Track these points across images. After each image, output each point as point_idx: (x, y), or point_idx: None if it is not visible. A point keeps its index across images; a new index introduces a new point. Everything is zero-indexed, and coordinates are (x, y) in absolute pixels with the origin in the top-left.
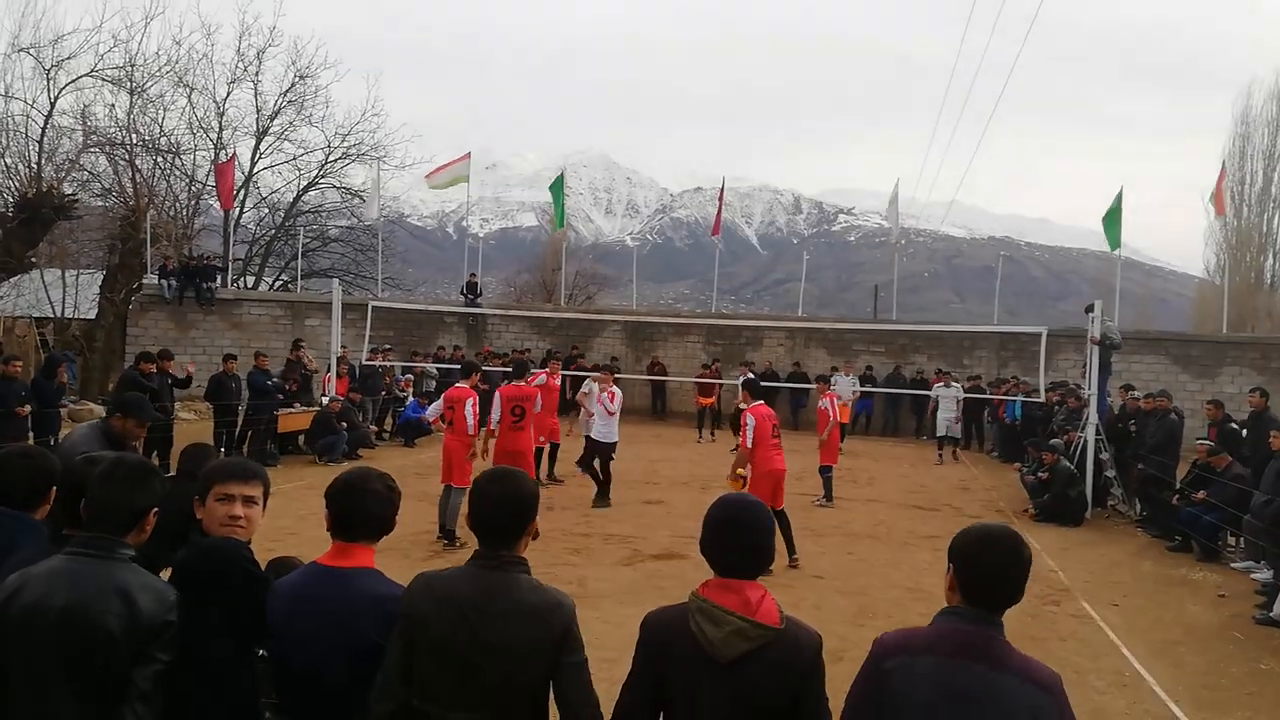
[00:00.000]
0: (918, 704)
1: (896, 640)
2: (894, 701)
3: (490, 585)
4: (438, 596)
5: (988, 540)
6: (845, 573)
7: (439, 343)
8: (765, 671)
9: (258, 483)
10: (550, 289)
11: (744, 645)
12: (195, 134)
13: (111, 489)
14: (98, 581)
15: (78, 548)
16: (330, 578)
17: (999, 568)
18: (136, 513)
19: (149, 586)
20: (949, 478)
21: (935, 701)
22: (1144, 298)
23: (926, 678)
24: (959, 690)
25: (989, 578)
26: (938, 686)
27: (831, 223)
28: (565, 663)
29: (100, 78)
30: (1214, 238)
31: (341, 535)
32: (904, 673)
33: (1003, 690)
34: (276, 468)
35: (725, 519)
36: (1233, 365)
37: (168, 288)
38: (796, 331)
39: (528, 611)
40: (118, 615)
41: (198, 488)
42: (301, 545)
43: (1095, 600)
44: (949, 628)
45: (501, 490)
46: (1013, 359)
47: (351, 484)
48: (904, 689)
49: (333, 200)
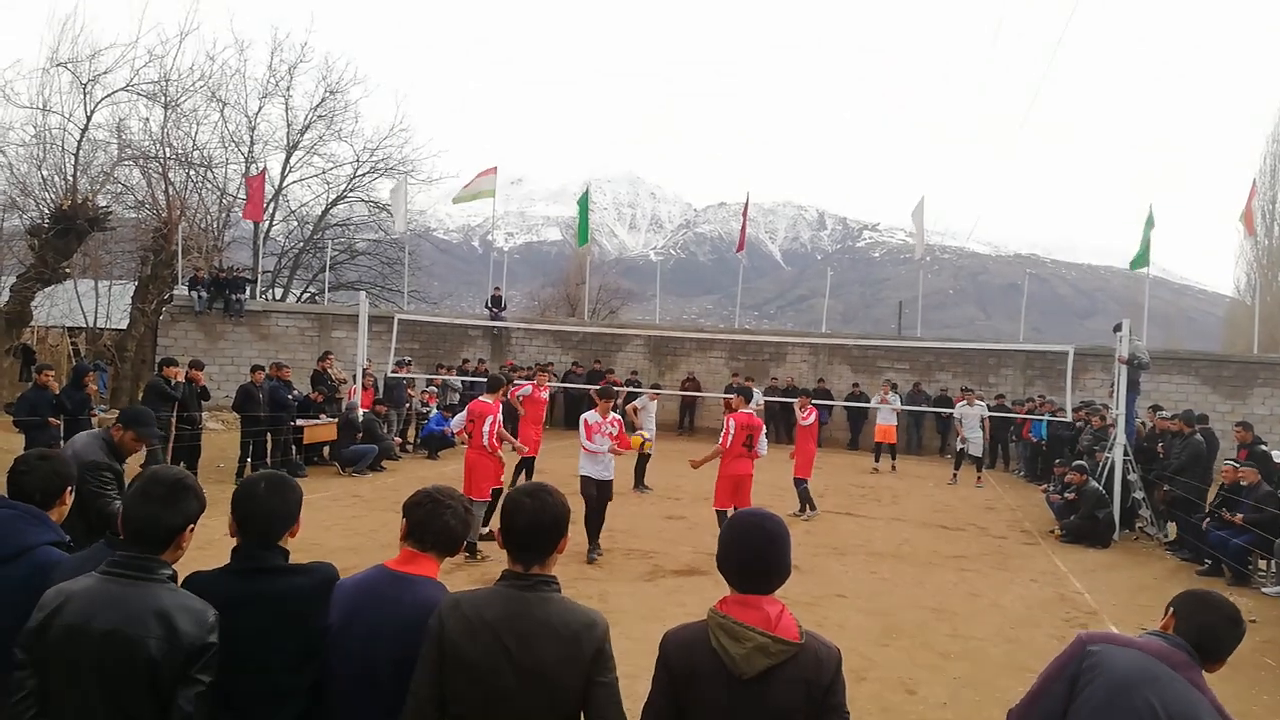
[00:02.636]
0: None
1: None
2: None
3: (523, 605)
4: (469, 617)
5: (1212, 605)
6: (869, 592)
7: (463, 355)
8: (787, 686)
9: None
10: (574, 303)
11: (766, 661)
12: (227, 148)
13: (148, 506)
14: (138, 604)
15: (117, 567)
16: (396, 582)
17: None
18: (173, 530)
19: (188, 609)
20: (974, 497)
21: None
22: (1173, 317)
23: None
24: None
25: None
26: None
27: (856, 239)
28: (598, 682)
29: (135, 92)
30: (1244, 257)
31: (414, 544)
32: (1106, 654)
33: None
34: (303, 478)
35: (741, 535)
36: (1264, 386)
37: (198, 299)
38: (820, 347)
39: (560, 631)
40: (157, 639)
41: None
42: (326, 556)
43: (1123, 624)
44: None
45: (536, 505)
46: (1039, 377)
47: (432, 497)
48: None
49: (360, 214)
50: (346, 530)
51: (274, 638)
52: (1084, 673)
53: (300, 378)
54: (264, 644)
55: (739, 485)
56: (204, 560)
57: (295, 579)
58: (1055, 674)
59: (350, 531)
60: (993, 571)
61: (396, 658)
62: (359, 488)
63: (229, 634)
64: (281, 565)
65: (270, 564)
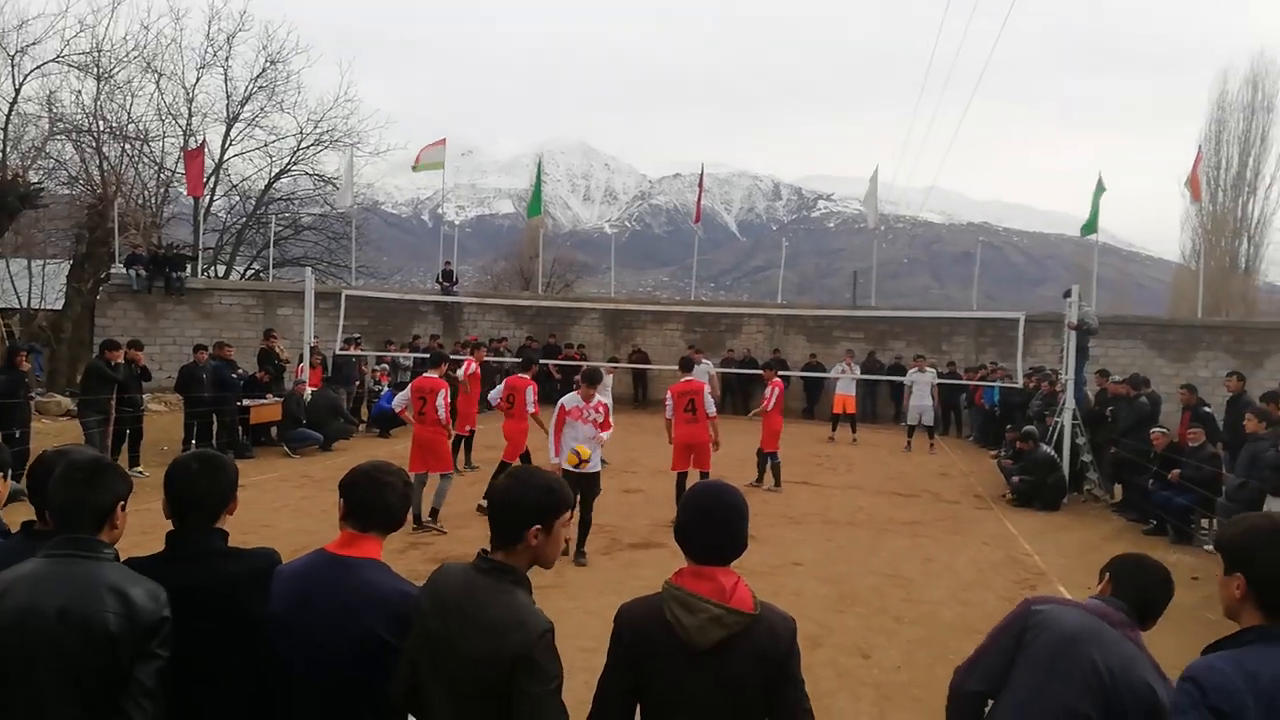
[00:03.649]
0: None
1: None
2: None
3: (473, 590)
4: (437, 589)
5: (1145, 568)
6: (824, 560)
7: (414, 331)
8: (741, 657)
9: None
10: (528, 277)
11: (720, 632)
12: (164, 120)
13: (72, 490)
14: (90, 582)
15: (58, 549)
16: (337, 565)
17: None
18: (103, 510)
19: (141, 583)
20: (927, 464)
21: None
22: (1121, 283)
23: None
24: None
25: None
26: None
27: (811, 209)
28: (523, 691)
29: (66, 63)
30: (1190, 223)
31: (354, 524)
32: (1052, 613)
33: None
34: (250, 460)
35: (698, 506)
36: (1208, 350)
37: (136, 277)
38: (775, 318)
39: (490, 627)
40: (115, 614)
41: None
42: (275, 538)
43: (1071, 584)
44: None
45: (507, 488)
46: (991, 344)
47: (369, 474)
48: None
49: (305, 187)
50: (296, 511)
51: (212, 625)
52: (1029, 629)
53: (245, 357)
54: (202, 632)
55: (690, 448)
56: (151, 546)
57: (234, 564)
58: (1001, 632)
59: (300, 513)
60: (946, 536)
61: (346, 642)
62: (309, 468)
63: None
64: (220, 549)
65: (208, 548)
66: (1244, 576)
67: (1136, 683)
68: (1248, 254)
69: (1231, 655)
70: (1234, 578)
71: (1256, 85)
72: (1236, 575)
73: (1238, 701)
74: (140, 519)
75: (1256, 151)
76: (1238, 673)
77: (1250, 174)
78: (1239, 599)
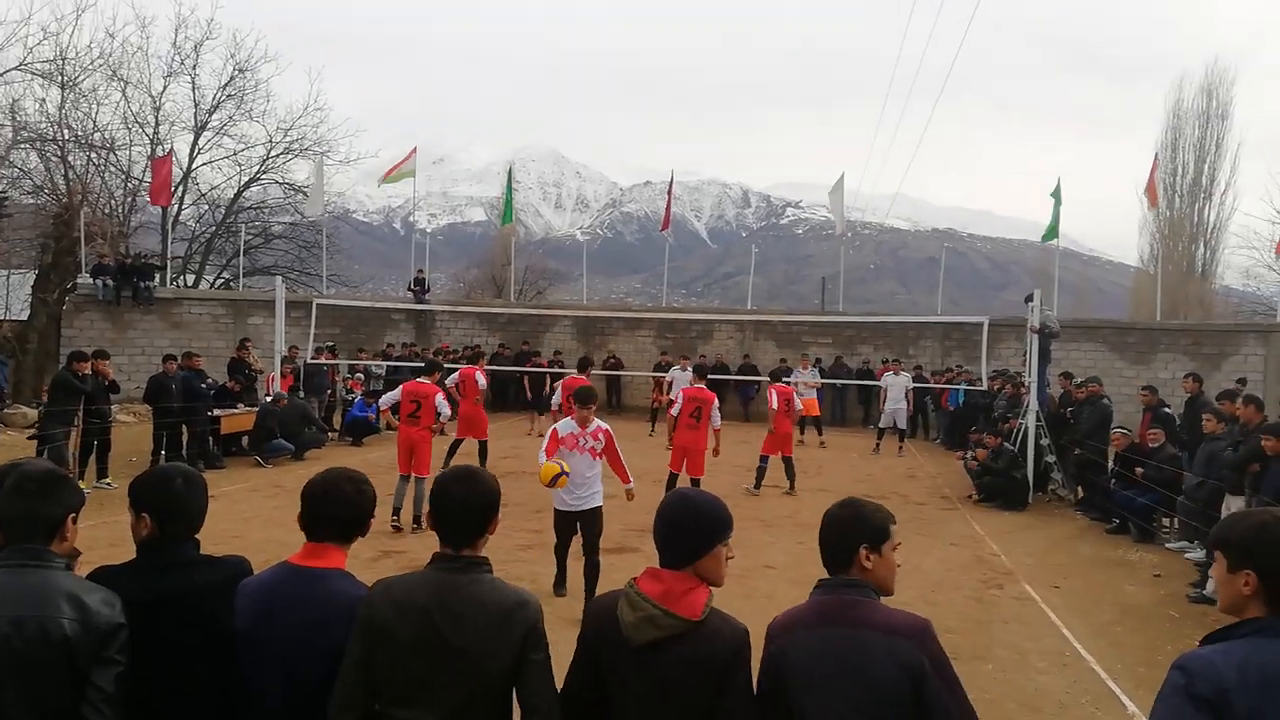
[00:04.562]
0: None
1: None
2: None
3: (454, 587)
4: (399, 601)
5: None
6: (796, 562)
7: (386, 339)
8: (677, 661)
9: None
10: (500, 284)
11: (653, 633)
12: (130, 129)
13: (24, 501)
14: (44, 589)
15: (10, 559)
16: (300, 577)
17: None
18: (54, 522)
19: (95, 590)
20: (896, 466)
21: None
22: (1082, 287)
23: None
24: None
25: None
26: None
27: (780, 216)
28: (530, 660)
29: (29, 71)
30: (1148, 228)
31: (311, 535)
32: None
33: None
34: (221, 470)
35: (665, 509)
36: (1166, 352)
37: (103, 287)
38: (746, 324)
39: (492, 611)
40: (71, 620)
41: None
42: (247, 548)
43: (1036, 583)
44: None
45: (466, 490)
46: (956, 348)
47: (320, 484)
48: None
49: (275, 196)
50: (268, 521)
51: (187, 634)
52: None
53: (216, 366)
54: (177, 641)
55: (686, 451)
56: (121, 559)
57: (209, 572)
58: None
59: (272, 523)
60: (914, 537)
61: (313, 656)
62: (281, 478)
63: (141, 632)
64: (195, 558)
65: (185, 557)
66: (1255, 572)
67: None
68: (1204, 258)
69: (1224, 646)
70: (1241, 574)
71: (1211, 94)
72: (1245, 572)
73: (1222, 688)
74: (109, 531)
75: (1212, 159)
76: (1226, 662)
77: (1206, 180)
78: (1248, 595)
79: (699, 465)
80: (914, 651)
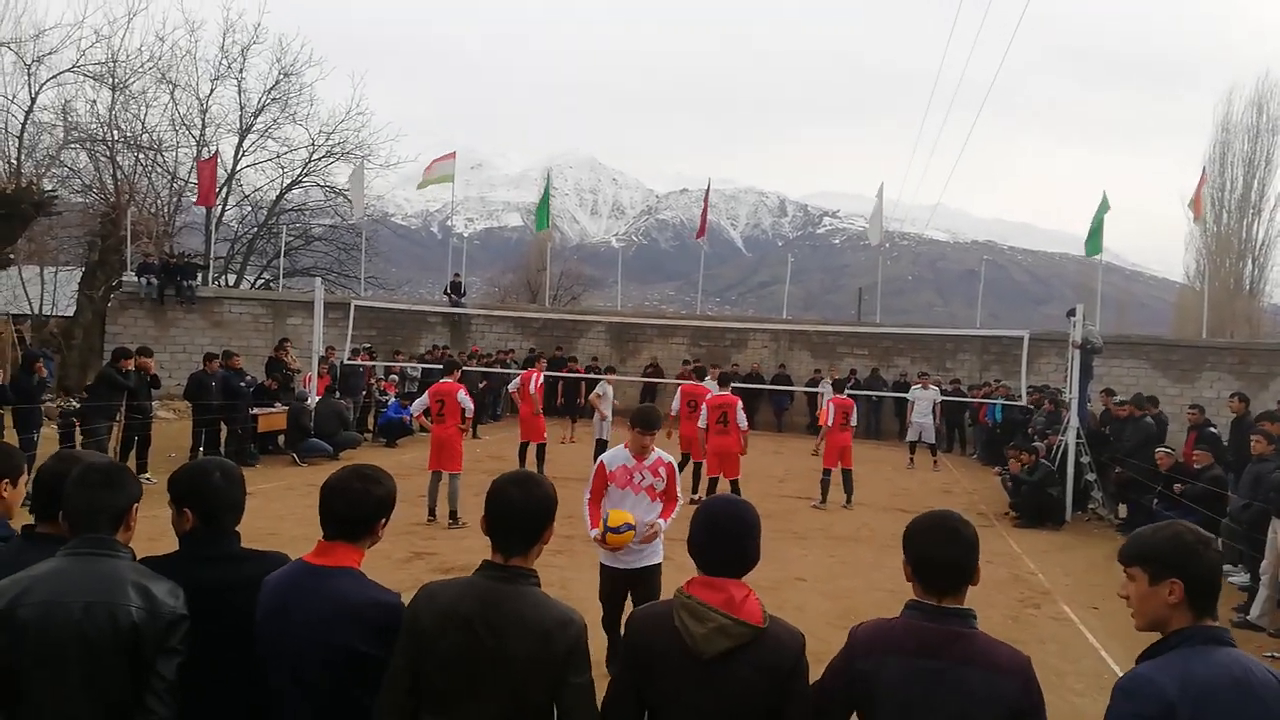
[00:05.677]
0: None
1: (869, 637)
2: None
3: (498, 597)
4: (443, 609)
5: (930, 526)
6: (828, 575)
7: (422, 342)
8: (747, 670)
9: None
10: (535, 289)
11: (726, 642)
12: (178, 131)
13: (89, 492)
14: (113, 577)
15: (79, 548)
16: (312, 575)
17: (940, 550)
18: (119, 512)
19: (162, 581)
20: (931, 481)
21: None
22: (1124, 302)
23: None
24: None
25: (934, 562)
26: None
27: (816, 225)
28: (570, 682)
29: (82, 73)
30: (1194, 243)
31: (331, 533)
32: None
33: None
34: (255, 468)
35: (711, 519)
36: (1212, 370)
37: (147, 285)
38: (781, 333)
39: (533, 628)
40: (139, 608)
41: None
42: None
43: (1075, 603)
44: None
45: (523, 494)
46: (995, 362)
47: (332, 481)
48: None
49: (316, 199)
50: (301, 520)
51: (229, 624)
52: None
53: (255, 366)
54: (216, 633)
55: (722, 457)
56: (160, 552)
57: (254, 566)
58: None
59: (305, 521)
60: None
61: (322, 655)
62: (316, 477)
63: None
64: (238, 552)
65: (228, 551)
66: (1181, 580)
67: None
68: (1252, 275)
69: (1160, 661)
70: (1166, 584)
71: (1261, 108)
72: (1170, 581)
73: (1167, 703)
74: (148, 525)
75: (1261, 174)
76: (1167, 677)
77: (1255, 196)
78: (1173, 604)
79: (735, 467)
80: (1019, 696)
